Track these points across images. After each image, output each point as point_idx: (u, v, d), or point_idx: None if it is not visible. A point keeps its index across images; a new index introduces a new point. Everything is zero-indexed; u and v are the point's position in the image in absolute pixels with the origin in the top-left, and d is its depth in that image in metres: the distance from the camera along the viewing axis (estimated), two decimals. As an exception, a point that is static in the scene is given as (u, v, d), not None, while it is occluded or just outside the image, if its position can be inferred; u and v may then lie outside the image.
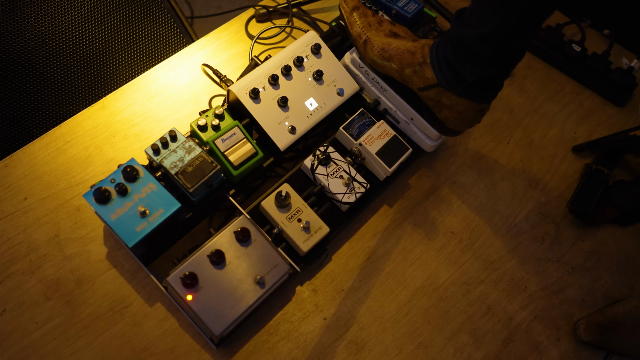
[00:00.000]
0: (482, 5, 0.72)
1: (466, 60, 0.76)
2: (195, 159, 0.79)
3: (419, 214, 0.94)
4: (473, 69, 0.75)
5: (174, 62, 1.08)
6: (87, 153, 0.95)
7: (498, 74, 0.77)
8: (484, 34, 0.71)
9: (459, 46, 0.76)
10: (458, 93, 0.79)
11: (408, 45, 0.86)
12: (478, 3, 0.72)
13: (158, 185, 0.77)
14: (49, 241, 0.85)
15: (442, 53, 0.79)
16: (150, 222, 0.74)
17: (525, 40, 0.74)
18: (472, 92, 0.78)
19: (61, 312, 0.80)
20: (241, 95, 0.85)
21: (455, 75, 0.78)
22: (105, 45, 1.18)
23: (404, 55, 0.86)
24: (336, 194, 0.85)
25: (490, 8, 0.70)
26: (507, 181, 0.99)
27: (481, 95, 0.79)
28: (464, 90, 0.78)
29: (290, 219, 0.82)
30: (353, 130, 0.91)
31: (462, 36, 0.74)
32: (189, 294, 0.74)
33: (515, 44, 0.73)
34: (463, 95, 0.79)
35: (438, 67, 0.80)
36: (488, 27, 0.70)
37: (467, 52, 0.75)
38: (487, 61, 0.74)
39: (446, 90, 0.81)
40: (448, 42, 0.78)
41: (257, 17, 1.15)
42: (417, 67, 0.83)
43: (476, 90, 0.78)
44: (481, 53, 0.73)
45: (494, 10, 0.70)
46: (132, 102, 1.02)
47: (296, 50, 0.91)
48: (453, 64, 0.78)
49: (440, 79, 0.80)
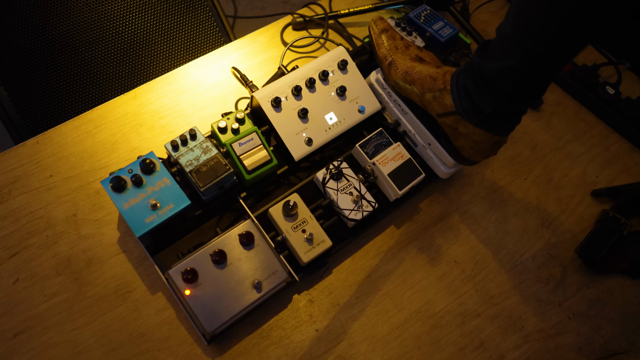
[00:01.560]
0: (504, 40, 0.72)
1: (484, 92, 0.76)
2: (210, 160, 0.81)
3: (425, 239, 0.94)
4: (490, 100, 0.76)
5: (208, 60, 1.11)
6: (114, 139, 0.99)
7: (515, 109, 0.77)
8: (504, 68, 0.72)
9: (479, 77, 0.76)
10: (474, 123, 0.80)
11: (431, 70, 0.87)
12: (502, 37, 0.73)
13: (172, 181, 0.80)
14: (67, 219, 0.90)
15: (462, 82, 0.80)
16: (159, 216, 0.77)
17: (545, 80, 0.74)
18: (488, 123, 0.79)
19: (69, 289, 0.84)
20: (263, 102, 0.88)
21: (472, 105, 0.79)
22: (146, 37, 1.23)
23: (425, 80, 0.86)
24: (343, 209, 0.87)
25: (512, 44, 0.70)
26: (520, 217, 0.98)
27: (497, 127, 0.80)
28: (480, 120, 0.79)
29: (295, 229, 0.84)
30: (369, 149, 0.92)
31: (483, 68, 0.75)
32: (188, 289, 0.77)
33: (534, 82, 0.73)
34: (479, 126, 0.80)
35: (457, 95, 0.81)
36: (508, 62, 0.71)
37: (486, 84, 0.76)
38: (505, 95, 0.74)
39: (463, 119, 0.81)
40: (469, 71, 0.79)
41: (294, 25, 1.17)
42: (437, 93, 0.84)
43: (493, 121, 0.79)
44: (500, 86, 0.74)
45: (515, 47, 0.70)
46: (163, 95, 1.06)
47: (323, 64, 0.93)
48: (472, 94, 0.78)
49: (458, 107, 0.81)
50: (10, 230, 0.87)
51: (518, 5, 0.69)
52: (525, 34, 0.68)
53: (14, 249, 0.86)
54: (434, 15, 1.10)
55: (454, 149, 0.87)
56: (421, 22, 1.09)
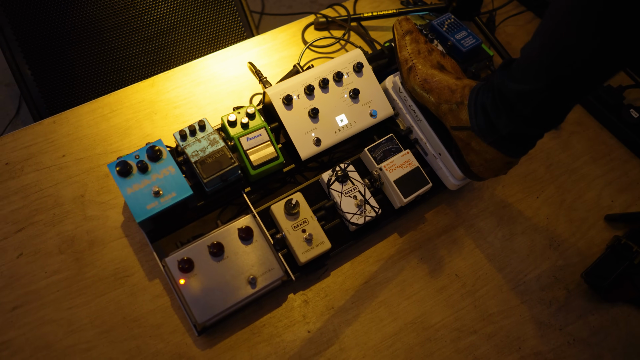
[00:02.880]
0: (529, 63, 0.69)
1: (503, 113, 0.73)
2: (216, 152, 0.82)
3: (427, 250, 0.93)
4: (508, 122, 0.73)
5: (227, 53, 1.11)
6: (128, 125, 1.01)
7: (532, 134, 0.74)
8: (526, 91, 0.69)
9: (499, 97, 0.74)
10: (488, 142, 0.78)
11: (450, 81, 0.85)
12: (526, 59, 0.70)
13: (176, 170, 0.80)
14: (75, 200, 0.91)
15: (481, 99, 0.78)
16: (161, 203, 0.78)
17: (566, 108, 0.71)
18: (502, 144, 0.76)
19: (69, 268, 0.85)
20: (275, 99, 0.88)
21: (489, 124, 0.76)
22: (170, 26, 1.24)
23: (443, 91, 0.85)
24: (346, 212, 0.86)
25: (537, 68, 0.68)
26: (527, 236, 0.96)
27: (511, 148, 0.77)
28: (495, 140, 0.76)
29: (295, 228, 0.83)
30: (377, 154, 0.91)
31: (504, 88, 0.72)
32: (182, 278, 0.77)
33: (555, 108, 0.70)
34: (493, 145, 0.77)
35: (474, 111, 0.78)
36: (531, 86, 0.68)
37: (505, 105, 0.73)
38: (524, 119, 0.71)
39: (477, 136, 0.79)
40: (489, 89, 0.76)
41: (316, 24, 1.17)
42: (454, 105, 0.82)
43: (507, 143, 0.76)
44: (519, 109, 0.71)
45: (539, 71, 0.67)
46: (179, 85, 1.07)
47: (338, 65, 0.92)
48: (489, 113, 0.76)
49: (474, 124, 0.79)
50: (19, 206, 0.89)
51: (546, 28, 0.66)
52: (552, 59, 0.65)
53: (21, 224, 0.88)
54: (458, 24, 1.08)
55: (464, 163, 0.85)
56: (444, 31, 1.07)
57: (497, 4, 1.24)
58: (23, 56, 1.15)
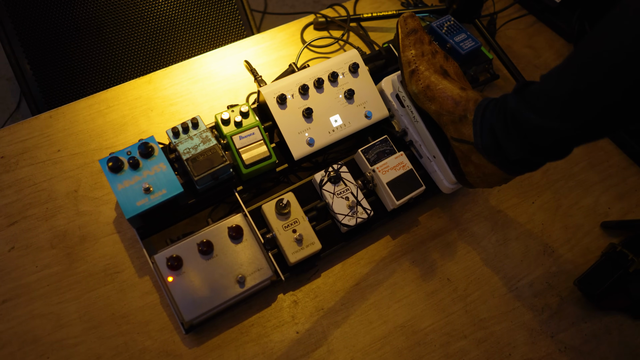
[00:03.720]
0: (554, 100, 0.63)
1: (515, 140, 0.69)
2: (208, 150, 0.81)
3: (419, 253, 0.92)
4: (518, 150, 0.69)
5: (225, 52, 1.11)
6: (124, 121, 1.01)
7: (540, 162, 0.72)
8: (546, 128, 0.63)
9: (512, 123, 0.68)
10: (491, 161, 0.75)
11: (454, 92, 0.81)
12: (550, 94, 0.63)
13: (168, 167, 0.80)
14: (68, 195, 0.91)
15: (489, 119, 0.73)
16: (150, 200, 0.78)
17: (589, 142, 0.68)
18: (505, 164, 0.74)
19: (60, 262, 0.85)
20: (269, 98, 0.87)
21: (496, 146, 0.73)
22: (169, 23, 1.24)
23: (447, 101, 0.81)
24: (337, 213, 0.85)
25: (563, 108, 0.61)
26: (521, 242, 0.95)
27: (513, 169, 0.74)
28: (499, 161, 0.74)
29: (286, 228, 0.83)
30: (371, 155, 0.90)
31: (519, 116, 0.66)
32: (171, 276, 0.77)
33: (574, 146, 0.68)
34: (495, 164, 0.75)
35: (480, 130, 0.75)
36: (553, 124, 0.62)
37: (519, 133, 0.68)
38: (539, 150, 0.68)
39: (478, 151, 0.77)
40: (500, 111, 0.71)
41: (315, 24, 1.16)
42: (456, 118, 0.79)
43: (511, 165, 0.73)
44: (535, 141, 0.66)
45: (568, 111, 0.61)
46: (177, 82, 1.07)
47: (334, 65, 0.92)
48: (498, 136, 0.72)
49: (478, 142, 0.75)
50: (12, 199, 0.89)
51: (578, 69, 0.60)
52: (582, 104, 0.60)
53: (14, 218, 0.88)
54: (457, 26, 1.08)
55: (459, 171, 0.84)
56: (443, 33, 1.06)
57: (499, 7, 1.23)
58: (23, 51, 1.16)
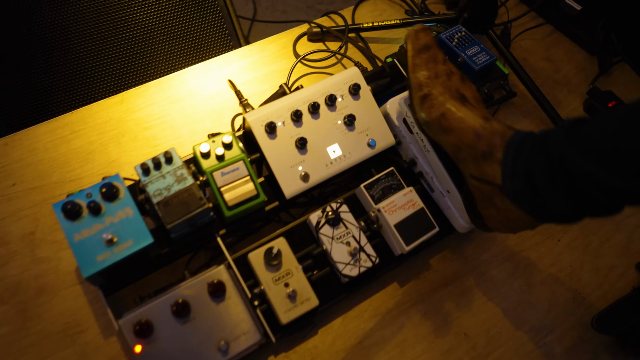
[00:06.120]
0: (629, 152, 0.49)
1: (561, 192, 0.55)
2: (183, 191, 0.69)
3: (431, 303, 0.80)
4: (564, 203, 0.56)
5: (208, 67, 0.99)
6: (91, 148, 0.88)
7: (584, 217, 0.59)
8: (612, 185, 0.50)
9: (560, 172, 0.55)
10: (522, 208, 0.62)
11: (476, 123, 0.67)
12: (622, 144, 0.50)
13: (135, 212, 0.67)
14: (24, 238, 0.78)
15: (525, 162, 0.60)
16: (114, 254, 0.65)
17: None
18: (539, 212, 0.61)
19: (12, 321, 0.73)
20: (255, 126, 0.75)
21: (531, 193, 0.59)
22: (145, 34, 1.11)
23: (466, 133, 0.68)
24: (337, 262, 0.73)
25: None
26: (547, 287, 0.83)
27: (544, 215, 0.61)
28: (533, 210, 0.61)
29: (277, 281, 0.71)
30: (375, 192, 0.78)
31: (573, 164, 0.53)
32: (139, 344, 0.64)
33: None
34: (526, 211, 0.62)
35: (511, 172, 0.61)
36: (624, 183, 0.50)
37: (569, 186, 0.54)
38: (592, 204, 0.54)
39: (504, 195, 0.63)
40: (542, 154, 0.58)
41: (309, 35, 1.04)
42: (478, 154, 0.66)
43: (546, 214, 0.60)
44: (591, 196, 0.53)
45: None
46: (153, 102, 0.94)
47: (331, 86, 0.79)
48: (537, 183, 0.58)
49: (507, 186, 0.62)
50: (-44, 245, 0.76)
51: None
52: None
53: (-43, 268, 0.75)
54: (470, 38, 0.95)
55: (477, 214, 0.71)
56: (454, 45, 0.94)
57: (512, 15, 1.11)
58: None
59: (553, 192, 0.57)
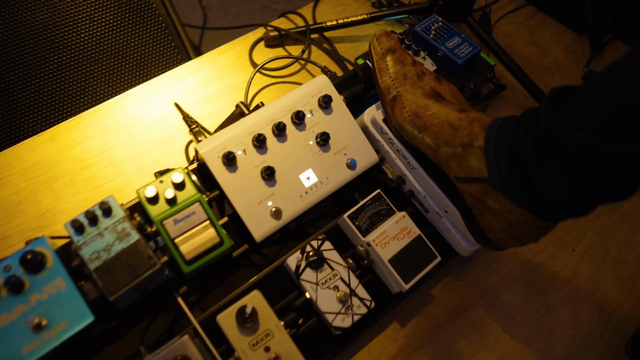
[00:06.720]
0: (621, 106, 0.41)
1: (555, 170, 0.47)
2: (127, 251, 0.55)
3: (440, 343, 0.68)
4: (560, 186, 0.47)
5: (151, 87, 0.85)
6: (19, 199, 0.74)
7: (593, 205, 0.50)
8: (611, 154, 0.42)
9: (550, 146, 0.47)
10: (517, 202, 0.53)
11: (451, 115, 0.60)
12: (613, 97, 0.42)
13: (68, 284, 0.54)
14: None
15: (508, 140, 0.52)
16: (44, 342, 0.51)
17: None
18: (537, 205, 0.52)
19: None
20: (210, 159, 0.62)
21: (522, 179, 0.51)
22: (77, 55, 0.96)
23: (442, 128, 0.60)
24: (326, 313, 0.60)
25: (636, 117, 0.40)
26: (568, 307, 0.72)
27: (549, 212, 0.52)
28: (528, 202, 0.52)
29: (255, 346, 0.58)
30: (362, 221, 0.66)
31: (564, 136, 0.45)
32: None
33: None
34: (523, 206, 0.53)
35: (495, 159, 0.53)
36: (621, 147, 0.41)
37: (563, 160, 0.46)
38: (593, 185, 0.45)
39: (496, 191, 0.54)
40: (528, 130, 0.49)
41: (267, 40, 0.91)
42: (458, 148, 0.58)
43: (546, 205, 0.51)
44: (589, 173, 0.45)
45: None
46: (90, 136, 0.80)
47: (298, 101, 0.67)
48: (526, 164, 0.50)
49: (494, 176, 0.54)
50: None
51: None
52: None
53: None
54: (448, 28, 0.84)
55: (476, 227, 0.61)
56: (431, 38, 0.83)
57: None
58: None
59: (546, 174, 0.48)
